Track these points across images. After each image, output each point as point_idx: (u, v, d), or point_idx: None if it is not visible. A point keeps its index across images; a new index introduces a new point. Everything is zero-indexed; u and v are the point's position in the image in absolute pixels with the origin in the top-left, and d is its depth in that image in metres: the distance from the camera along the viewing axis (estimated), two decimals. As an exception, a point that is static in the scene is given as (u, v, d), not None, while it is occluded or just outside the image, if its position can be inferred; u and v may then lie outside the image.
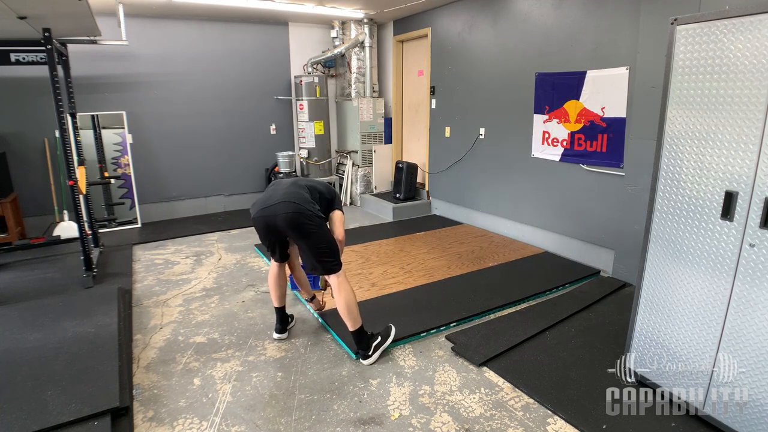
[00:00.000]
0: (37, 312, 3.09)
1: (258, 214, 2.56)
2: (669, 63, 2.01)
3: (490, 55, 4.80)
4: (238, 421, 2.15)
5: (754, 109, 1.73)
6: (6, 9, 2.79)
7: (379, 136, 6.50)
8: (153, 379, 2.48)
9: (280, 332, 2.92)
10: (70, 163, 3.60)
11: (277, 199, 2.51)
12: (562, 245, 4.31)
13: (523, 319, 3.08)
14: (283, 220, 2.46)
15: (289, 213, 2.45)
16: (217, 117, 5.97)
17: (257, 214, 2.57)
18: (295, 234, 2.50)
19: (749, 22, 1.71)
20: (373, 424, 2.12)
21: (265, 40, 6.12)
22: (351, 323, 2.58)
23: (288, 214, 2.45)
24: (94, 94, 5.20)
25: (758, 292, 1.78)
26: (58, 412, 2.05)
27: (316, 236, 2.51)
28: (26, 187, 5.02)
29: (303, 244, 2.54)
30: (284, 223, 2.46)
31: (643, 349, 2.28)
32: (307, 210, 2.48)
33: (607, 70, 3.66)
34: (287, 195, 2.52)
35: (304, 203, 2.50)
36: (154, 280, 3.88)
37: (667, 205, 2.09)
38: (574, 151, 4.04)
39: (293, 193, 2.54)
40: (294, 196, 2.52)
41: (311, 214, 2.49)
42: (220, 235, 5.18)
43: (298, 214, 2.45)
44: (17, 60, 3.70)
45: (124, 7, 4.52)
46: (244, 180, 6.34)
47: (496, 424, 2.11)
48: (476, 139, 5.11)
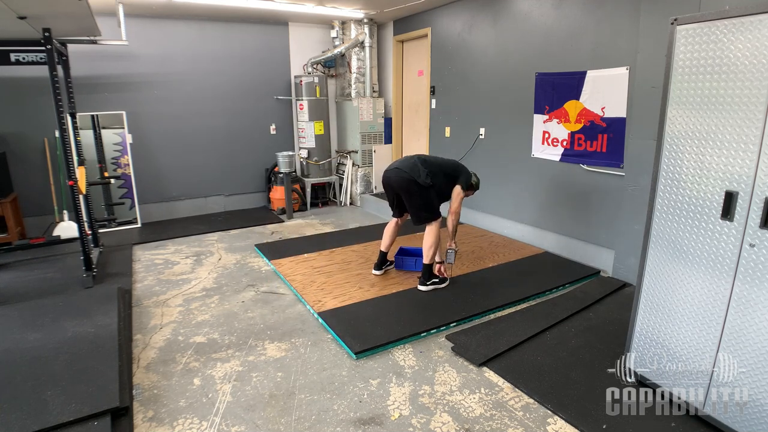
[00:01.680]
0: (37, 312, 3.09)
1: (382, 176, 3.55)
2: (669, 63, 2.01)
3: (490, 55, 4.80)
4: (238, 421, 2.15)
5: (754, 109, 1.73)
6: (6, 9, 2.79)
7: (379, 136, 6.50)
8: (153, 379, 2.48)
9: (377, 269, 3.77)
10: (70, 163, 3.60)
11: (395, 166, 3.46)
12: (562, 245, 4.31)
13: (523, 319, 3.08)
14: (395, 182, 3.40)
15: (398, 177, 3.38)
16: (217, 117, 5.97)
17: (383, 176, 3.54)
18: (402, 193, 3.43)
19: (749, 22, 1.71)
20: (373, 424, 2.12)
21: (265, 40, 6.12)
22: (425, 258, 3.43)
23: (397, 178, 3.38)
24: (94, 94, 5.20)
25: (758, 292, 1.78)
26: (58, 412, 2.05)
27: (416, 197, 3.38)
28: (26, 187, 5.02)
29: (407, 201, 3.45)
30: (396, 184, 3.41)
31: (643, 349, 2.28)
32: (412, 177, 3.33)
33: (607, 70, 3.66)
34: (402, 164, 3.43)
35: (411, 171, 3.35)
36: (154, 280, 3.88)
37: (667, 205, 2.09)
38: (574, 151, 4.04)
39: (408, 164, 3.41)
40: (407, 166, 3.40)
41: (414, 180, 3.33)
42: (220, 235, 5.18)
43: (404, 179, 3.35)
44: (17, 60, 3.70)
45: (124, 7, 4.52)
46: (244, 180, 6.34)
47: (496, 424, 2.11)
48: (476, 139, 5.11)
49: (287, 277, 3.78)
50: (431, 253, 3.40)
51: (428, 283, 3.45)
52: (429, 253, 3.40)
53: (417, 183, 3.32)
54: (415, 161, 3.43)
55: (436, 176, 3.41)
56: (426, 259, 3.42)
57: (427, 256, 3.41)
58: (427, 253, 3.41)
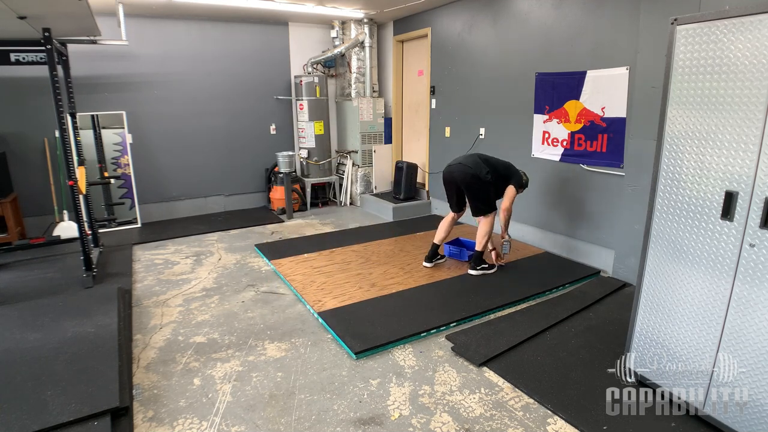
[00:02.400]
0: (37, 312, 3.09)
1: (444, 170, 3.77)
2: (669, 63, 2.01)
3: (490, 55, 4.80)
4: (238, 421, 2.15)
5: (754, 109, 1.73)
6: (6, 9, 2.79)
7: (379, 136, 6.50)
8: (153, 379, 2.48)
9: (428, 261, 3.94)
10: (70, 163, 3.60)
11: (458, 162, 3.70)
12: (562, 245, 4.31)
13: (523, 319, 3.08)
14: (459, 176, 3.65)
15: (462, 172, 3.63)
16: (217, 117, 5.97)
17: (444, 170, 3.78)
18: (465, 186, 3.67)
19: (749, 22, 1.71)
20: (373, 424, 2.12)
21: (265, 40, 6.12)
22: (478, 245, 3.73)
23: (461, 173, 3.63)
24: (94, 94, 5.20)
25: (758, 292, 1.78)
26: (58, 412, 2.05)
27: (477, 190, 3.65)
28: (26, 187, 5.02)
29: (469, 194, 3.72)
30: (460, 178, 3.65)
31: (643, 349, 2.28)
32: (475, 172, 3.59)
33: (607, 70, 3.66)
34: (466, 160, 3.70)
35: (474, 168, 3.60)
36: (154, 280, 3.88)
37: (667, 205, 2.09)
38: (574, 151, 4.04)
39: (471, 161, 3.67)
40: (470, 162, 3.65)
41: (477, 176, 3.58)
42: (220, 235, 5.18)
43: (468, 174, 3.60)
44: (17, 60, 3.70)
45: (124, 7, 4.51)
46: (244, 180, 6.34)
47: (496, 424, 2.11)
48: (476, 139, 5.11)
49: (287, 277, 3.78)
50: (484, 241, 3.71)
51: (478, 268, 3.76)
52: (482, 241, 3.70)
53: (479, 178, 3.59)
54: (478, 159, 3.69)
55: (493, 174, 3.67)
56: (478, 246, 3.73)
57: (480, 244, 3.71)
58: (480, 241, 3.71)
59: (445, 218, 3.95)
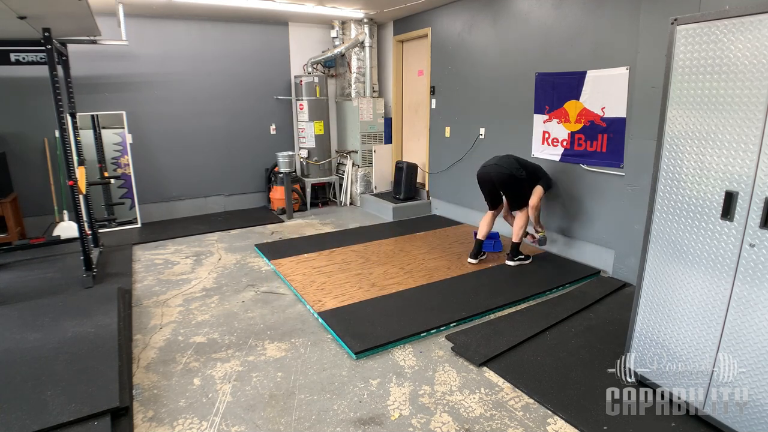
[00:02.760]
0: (37, 312, 3.09)
1: (479, 171, 3.97)
2: (669, 63, 2.01)
3: (490, 55, 4.80)
4: (238, 421, 2.15)
5: (754, 109, 1.73)
6: (6, 9, 2.79)
7: (379, 136, 6.50)
8: (153, 379, 2.48)
9: (473, 257, 4.08)
10: (70, 163, 3.60)
11: (493, 162, 3.92)
12: (562, 245, 4.31)
13: (523, 319, 3.08)
14: (496, 176, 3.85)
15: (498, 172, 3.84)
16: (217, 117, 5.97)
17: (479, 171, 3.98)
18: (501, 184, 3.88)
19: (749, 22, 1.71)
20: (373, 424, 2.12)
21: (265, 40, 6.12)
22: (515, 237, 3.96)
23: (498, 173, 3.84)
24: (94, 94, 5.20)
25: (758, 292, 1.78)
26: (58, 412, 2.05)
27: (513, 187, 3.88)
28: (26, 187, 5.02)
29: (506, 191, 3.95)
30: (497, 177, 3.85)
31: (643, 349, 2.28)
32: (511, 171, 3.81)
33: (607, 70, 3.66)
34: (500, 161, 3.90)
35: (509, 167, 3.83)
36: (154, 280, 3.88)
37: (667, 205, 2.09)
38: (574, 151, 4.04)
39: (506, 161, 3.89)
40: (505, 163, 3.87)
41: (513, 174, 3.81)
42: (220, 235, 5.18)
43: (504, 174, 3.82)
44: (17, 60, 3.70)
45: (124, 7, 4.52)
46: (244, 180, 6.34)
47: (496, 424, 2.11)
48: (476, 139, 5.11)
49: (287, 277, 3.79)
50: (521, 233, 3.93)
51: (515, 259, 3.98)
52: (519, 233, 3.92)
53: (515, 176, 3.82)
54: (512, 159, 3.93)
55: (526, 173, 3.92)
56: (515, 238, 3.95)
57: (517, 236, 3.94)
58: (517, 233, 3.93)
59: (485, 216, 4.12)
